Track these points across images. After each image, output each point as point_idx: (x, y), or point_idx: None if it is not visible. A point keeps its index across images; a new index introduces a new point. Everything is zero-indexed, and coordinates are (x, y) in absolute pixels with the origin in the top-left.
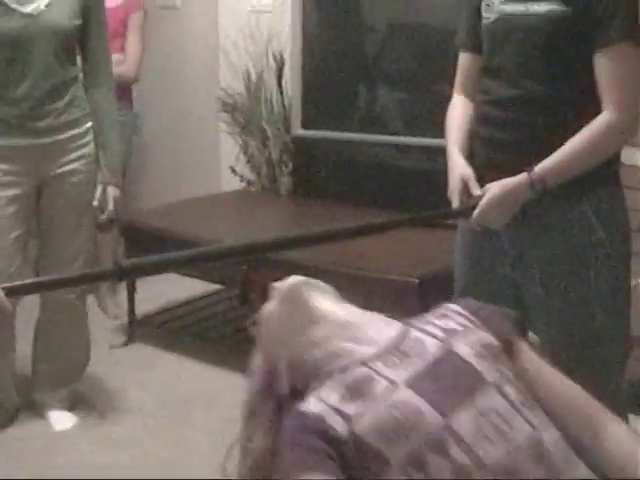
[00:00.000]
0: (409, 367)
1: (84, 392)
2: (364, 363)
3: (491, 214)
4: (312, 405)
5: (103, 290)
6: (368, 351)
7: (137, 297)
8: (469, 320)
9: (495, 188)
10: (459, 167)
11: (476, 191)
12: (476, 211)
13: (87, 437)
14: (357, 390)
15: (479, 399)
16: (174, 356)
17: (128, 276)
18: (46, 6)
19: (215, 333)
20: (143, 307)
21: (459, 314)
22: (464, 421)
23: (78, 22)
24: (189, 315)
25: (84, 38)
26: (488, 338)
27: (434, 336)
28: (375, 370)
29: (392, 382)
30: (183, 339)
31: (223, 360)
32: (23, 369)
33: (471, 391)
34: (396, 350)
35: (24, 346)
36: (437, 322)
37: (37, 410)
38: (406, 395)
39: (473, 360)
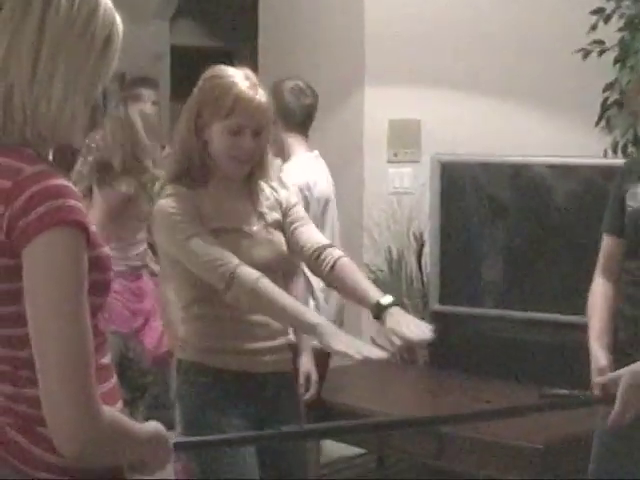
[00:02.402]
0: None
1: None
2: None
3: (630, 401)
4: None
5: None
6: None
7: None
8: None
9: (628, 378)
10: (598, 360)
11: (611, 384)
12: (616, 404)
13: None
14: None
15: None
16: None
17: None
18: None
19: None
20: None
21: None
22: None
23: None
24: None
25: None
26: None
27: None
28: None
29: None
30: None
31: None
32: None
33: None
34: None
35: None
36: None
37: None
38: None
39: None
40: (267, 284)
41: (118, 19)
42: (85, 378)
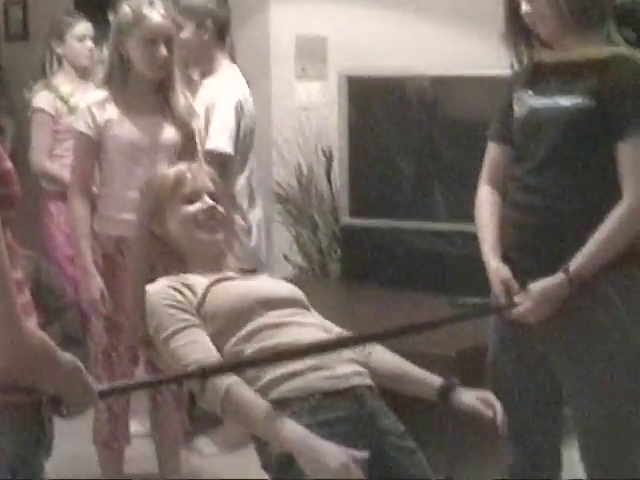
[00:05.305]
0: None
1: None
2: None
3: (533, 313)
4: None
5: None
6: None
7: None
8: None
9: (537, 290)
10: (499, 271)
11: (517, 292)
12: (519, 310)
13: None
14: None
15: None
16: None
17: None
18: None
19: None
20: None
21: None
22: None
23: None
24: None
25: None
26: None
27: None
28: None
29: None
30: None
31: None
32: None
33: None
34: None
35: None
36: None
37: None
38: None
39: None
40: (240, 388)
41: None
42: (6, 293)
